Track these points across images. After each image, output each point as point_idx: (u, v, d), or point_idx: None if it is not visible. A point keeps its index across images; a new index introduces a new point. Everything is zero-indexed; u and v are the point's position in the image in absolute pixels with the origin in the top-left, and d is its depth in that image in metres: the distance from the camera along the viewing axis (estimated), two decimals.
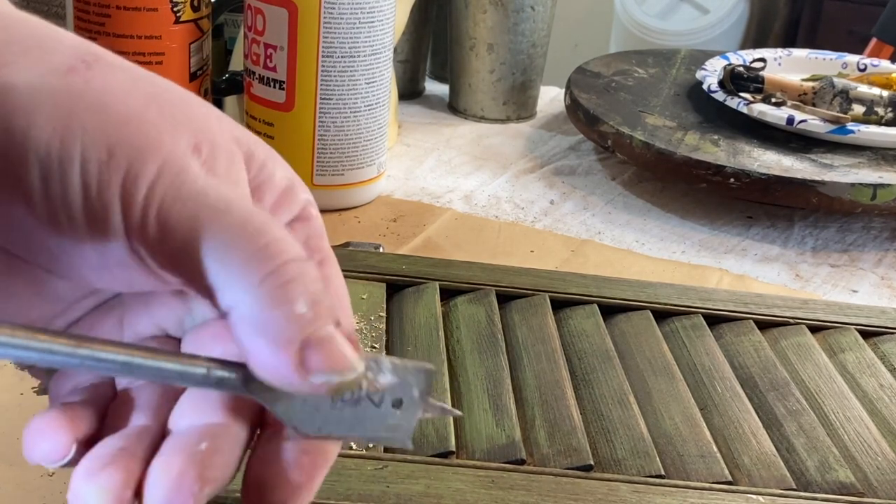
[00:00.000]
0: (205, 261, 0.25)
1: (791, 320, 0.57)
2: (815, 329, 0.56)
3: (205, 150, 0.27)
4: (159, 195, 0.25)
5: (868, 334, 0.57)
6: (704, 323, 0.55)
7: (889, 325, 0.57)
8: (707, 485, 0.43)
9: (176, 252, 0.25)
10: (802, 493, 0.43)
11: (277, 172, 0.31)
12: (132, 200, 0.25)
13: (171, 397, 0.28)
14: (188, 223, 0.25)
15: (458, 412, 0.44)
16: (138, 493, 0.25)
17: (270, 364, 0.25)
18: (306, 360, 0.25)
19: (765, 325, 0.56)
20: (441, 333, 0.51)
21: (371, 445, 0.42)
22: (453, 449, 0.43)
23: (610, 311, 0.56)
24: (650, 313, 0.55)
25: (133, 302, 0.30)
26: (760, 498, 0.42)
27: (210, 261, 0.25)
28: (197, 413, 0.27)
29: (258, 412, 0.28)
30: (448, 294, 0.55)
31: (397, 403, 0.27)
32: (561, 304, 0.56)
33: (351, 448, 0.42)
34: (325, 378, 0.25)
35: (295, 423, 0.27)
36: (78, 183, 0.25)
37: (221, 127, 0.29)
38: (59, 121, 0.25)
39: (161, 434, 0.27)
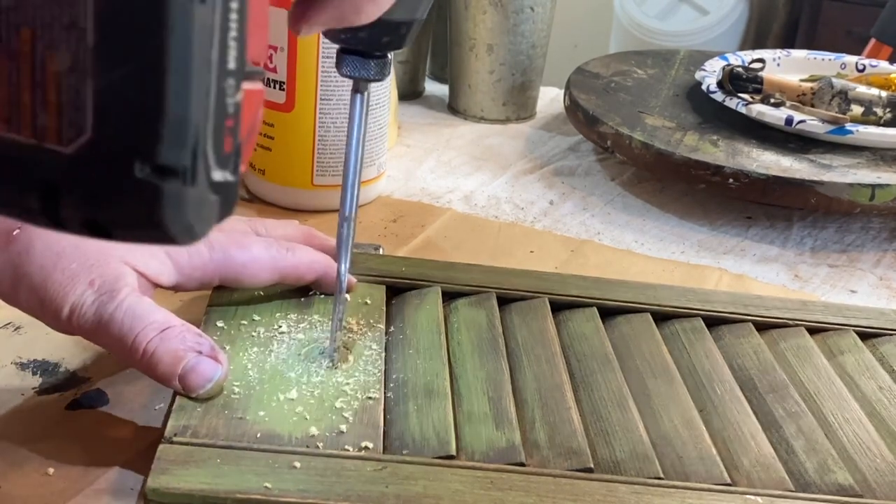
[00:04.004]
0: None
1: (790, 322, 0.57)
2: (814, 331, 0.57)
3: (97, 282, 0.45)
4: (75, 323, 0.45)
5: (867, 336, 0.57)
6: (704, 326, 0.55)
7: (888, 327, 0.57)
8: (706, 486, 0.43)
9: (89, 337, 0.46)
10: (801, 494, 0.43)
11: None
12: (60, 327, 0.46)
13: None
14: (92, 330, 0.45)
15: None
16: None
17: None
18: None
19: (764, 327, 0.56)
20: (443, 338, 0.51)
21: (369, 445, 0.42)
22: (453, 453, 0.43)
23: (610, 313, 0.56)
24: (650, 316, 0.55)
25: None
26: (759, 499, 0.42)
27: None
28: None
29: None
30: (449, 296, 0.55)
31: None
32: (561, 307, 0.56)
33: (350, 449, 0.42)
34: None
35: None
36: (26, 309, 0.46)
37: (107, 259, 0.46)
38: (10, 287, 0.45)
39: None
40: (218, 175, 0.26)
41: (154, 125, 0.24)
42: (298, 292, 0.53)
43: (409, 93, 0.98)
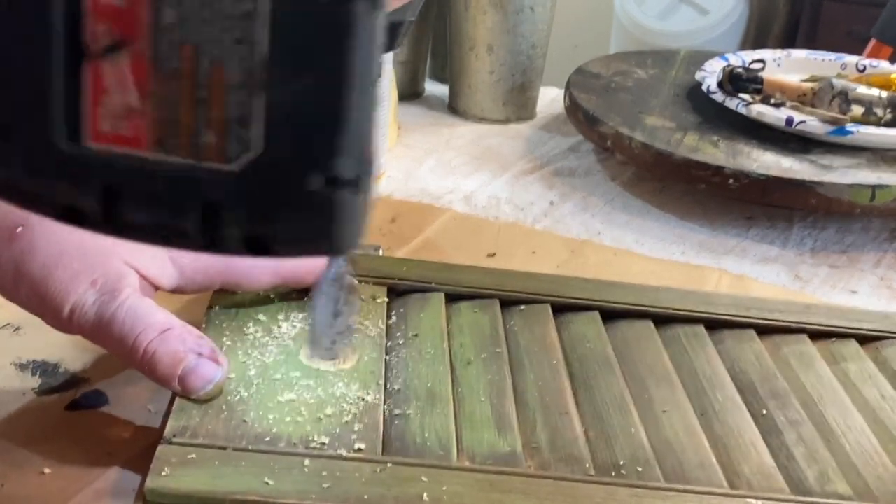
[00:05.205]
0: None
1: (792, 325, 0.56)
2: (816, 335, 0.56)
3: (99, 282, 0.44)
4: (75, 322, 0.44)
5: (869, 339, 0.56)
6: (705, 332, 0.55)
7: (891, 330, 0.57)
8: (706, 489, 0.43)
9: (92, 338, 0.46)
10: (801, 498, 0.43)
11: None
12: (60, 326, 0.45)
13: None
14: (93, 330, 0.44)
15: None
16: None
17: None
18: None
19: (766, 331, 0.56)
20: (446, 345, 0.51)
21: (368, 447, 0.42)
22: (455, 460, 0.43)
23: (611, 316, 0.55)
24: (651, 322, 0.55)
25: None
26: (759, 503, 0.42)
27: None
28: None
29: None
30: (451, 299, 0.55)
31: None
32: (562, 309, 0.55)
33: (349, 452, 0.42)
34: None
35: None
36: (27, 307, 0.46)
37: (109, 259, 0.45)
38: (11, 283, 0.45)
39: None
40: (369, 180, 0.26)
41: (333, 137, 0.24)
42: (299, 294, 0.53)
43: (409, 93, 0.98)
